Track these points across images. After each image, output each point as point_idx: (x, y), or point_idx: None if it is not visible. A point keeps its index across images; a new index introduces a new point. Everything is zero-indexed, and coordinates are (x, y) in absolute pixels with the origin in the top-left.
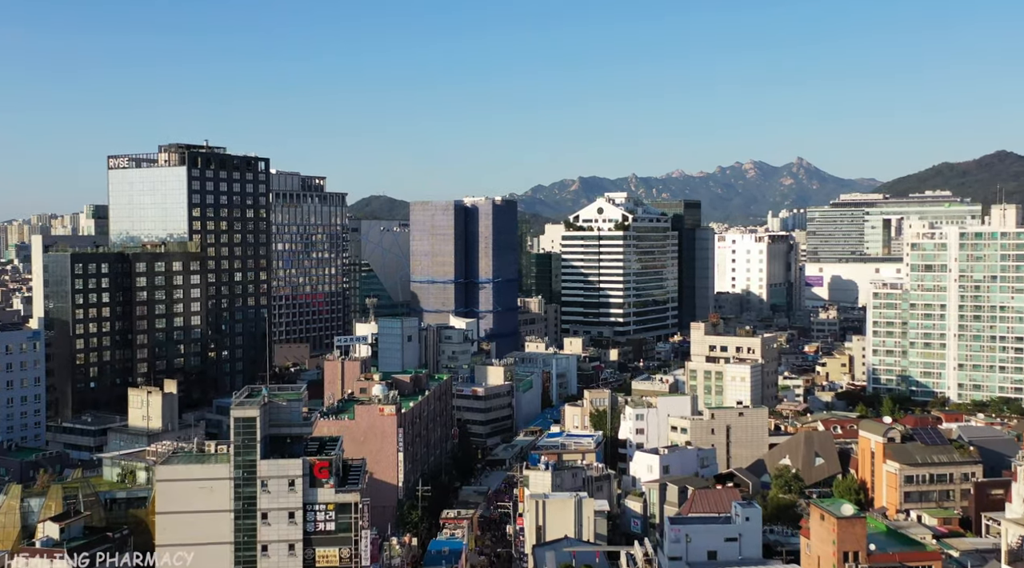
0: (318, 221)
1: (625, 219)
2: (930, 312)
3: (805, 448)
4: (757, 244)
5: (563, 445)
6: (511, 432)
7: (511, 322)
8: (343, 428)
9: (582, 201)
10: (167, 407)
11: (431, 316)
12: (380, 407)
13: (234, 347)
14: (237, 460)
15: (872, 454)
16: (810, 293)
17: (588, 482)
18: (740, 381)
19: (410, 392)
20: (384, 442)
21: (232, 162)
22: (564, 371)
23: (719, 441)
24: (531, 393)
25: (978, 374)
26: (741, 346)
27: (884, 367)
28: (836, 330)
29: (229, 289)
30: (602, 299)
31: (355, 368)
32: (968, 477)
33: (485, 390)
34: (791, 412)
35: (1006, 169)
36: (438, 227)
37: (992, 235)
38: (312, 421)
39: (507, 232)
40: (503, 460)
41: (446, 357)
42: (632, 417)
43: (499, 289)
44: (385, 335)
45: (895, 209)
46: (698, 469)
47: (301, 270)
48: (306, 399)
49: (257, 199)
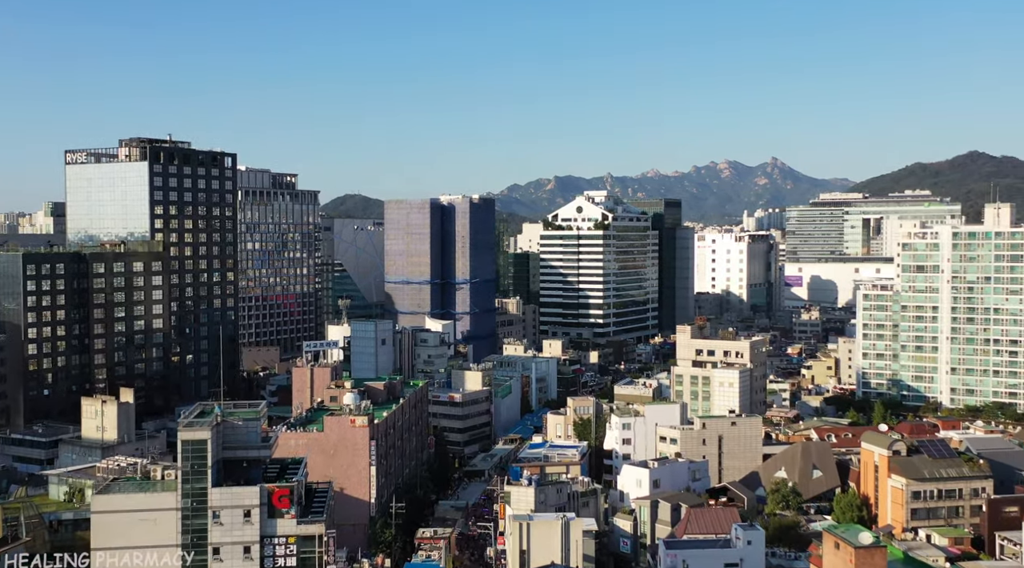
0: (289, 220)
1: (605, 218)
2: (922, 314)
3: (802, 460)
4: (737, 244)
5: (546, 457)
6: (490, 440)
7: (489, 324)
8: (311, 440)
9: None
10: (123, 417)
11: (406, 318)
12: (351, 418)
13: (199, 351)
14: (185, 488)
15: (876, 468)
16: (789, 293)
17: (573, 498)
18: (729, 387)
19: (384, 400)
20: (355, 455)
21: (197, 157)
22: (544, 375)
23: (711, 452)
24: (510, 398)
25: (971, 378)
26: (729, 350)
27: (874, 371)
28: (819, 331)
29: (194, 290)
30: (581, 300)
31: (325, 375)
32: (978, 493)
33: (462, 396)
34: (782, 419)
35: (978, 169)
36: (413, 226)
37: (986, 235)
38: (272, 442)
39: (485, 231)
40: (482, 471)
41: (422, 361)
42: (618, 426)
43: (476, 290)
44: (358, 338)
45: (874, 209)
46: (689, 483)
47: (272, 270)
48: (265, 416)
49: (224, 196)
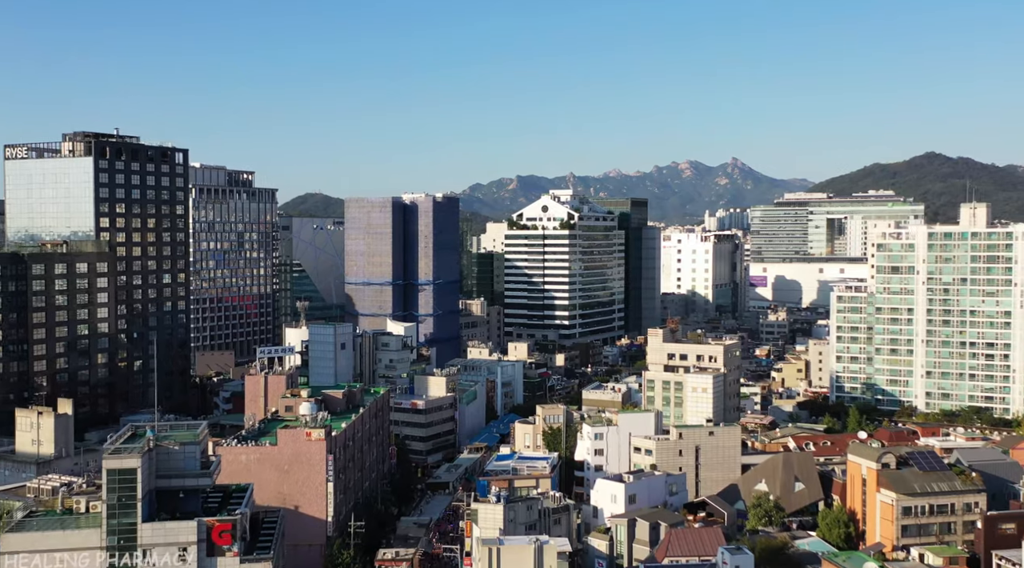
0: (246, 218)
1: (571, 217)
2: (896, 316)
3: (784, 472)
4: (703, 244)
5: (515, 470)
6: (454, 448)
7: (452, 326)
8: (263, 455)
9: (520, 200)
10: (61, 430)
11: (367, 320)
12: (307, 430)
13: (148, 356)
14: (111, 523)
15: (863, 481)
16: (754, 293)
17: (544, 515)
18: (702, 393)
19: (342, 409)
20: (311, 471)
21: (146, 153)
22: (510, 379)
23: (687, 463)
24: (475, 404)
25: (947, 382)
26: (702, 354)
27: (848, 374)
28: (786, 332)
29: (143, 292)
30: (547, 301)
31: (280, 383)
32: (971, 508)
33: (426, 403)
34: (757, 426)
35: (935, 170)
36: (375, 225)
37: (962, 235)
38: (213, 469)
39: (448, 231)
40: (446, 483)
41: (383, 366)
42: (590, 436)
43: (440, 291)
44: (316, 342)
45: (838, 209)
46: (667, 497)
47: (227, 271)
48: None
49: (175, 193)
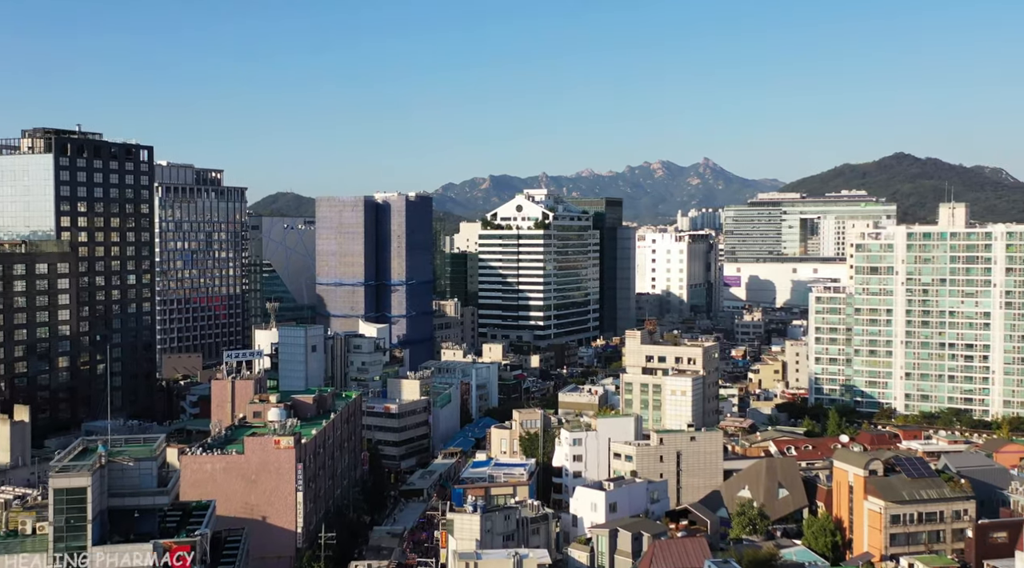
0: (215, 217)
1: (545, 217)
2: (876, 317)
3: (767, 478)
4: (677, 244)
5: (491, 477)
6: (428, 453)
7: (426, 327)
8: (230, 464)
9: (493, 199)
10: (16, 438)
11: (339, 321)
12: (275, 438)
13: (112, 359)
14: (59, 546)
15: (850, 488)
16: (728, 293)
17: (522, 525)
18: (681, 395)
19: (313, 415)
20: (280, 480)
21: (109, 150)
22: (484, 382)
23: (668, 470)
24: (449, 408)
25: (926, 383)
26: (681, 356)
27: (827, 376)
28: (761, 333)
29: (106, 293)
30: (521, 301)
31: (248, 388)
32: (960, 515)
33: (399, 407)
34: (737, 430)
35: (904, 170)
36: (346, 225)
37: (941, 235)
38: (172, 486)
39: (421, 230)
40: (420, 490)
41: (355, 368)
42: (568, 442)
43: (413, 292)
44: (286, 345)
45: (812, 209)
46: (648, 505)
47: (195, 271)
48: (163, 452)
49: (139, 192)
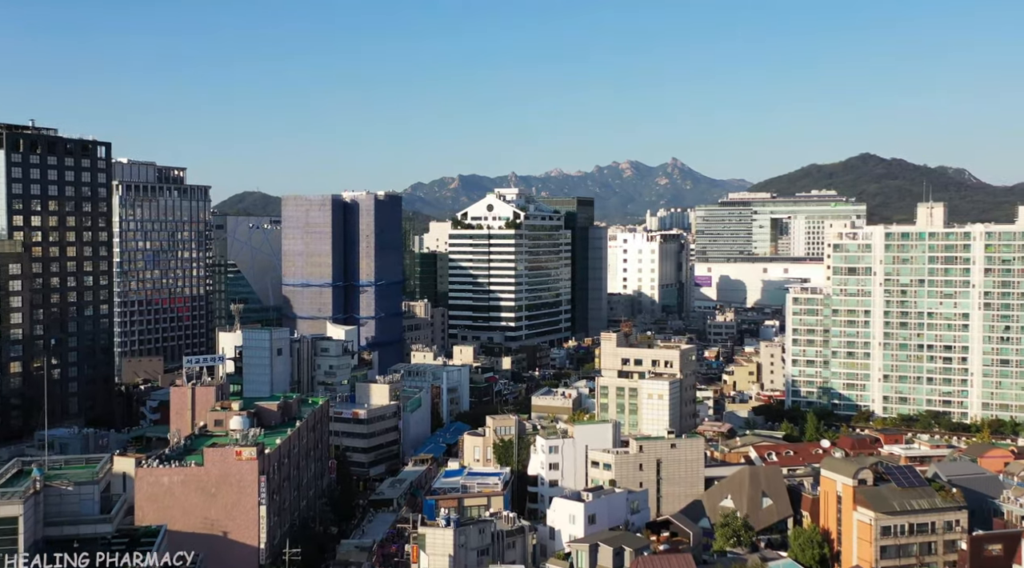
0: (178, 216)
1: (517, 217)
2: (853, 319)
3: (751, 487)
4: (649, 244)
5: (464, 487)
6: (398, 459)
7: (395, 329)
8: (188, 477)
9: (462, 199)
10: None
11: (306, 323)
12: (237, 449)
13: (68, 364)
14: None
15: (839, 498)
16: (699, 293)
17: (498, 539)
18: (658, 399)
19: (278, 422)
20: (241, 493)
21: (64, 146)
22: (456, 385)
23: (648, 478)
24: (419, 412)
25: (904, 386)
26: (658, 359)
27: (804, 378)
28: (734, 333)
29: (61, 295)
30: (492, 302)
31: (209, 395)
32: (952, 526)
33: (368, 412)
34: (716, 434)
35: (869, 171)
36: (314, 224)
37: (919, 235)
38: (117, 511)
39: (391, 230)
40: (390, 500)
41: (322, 372)
42: (544, 450)
43: (382, 293)
44: (251, 348)
45: (782, 208)
46: (628, 516)
47: (158, 272)
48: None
49: (96, 189)
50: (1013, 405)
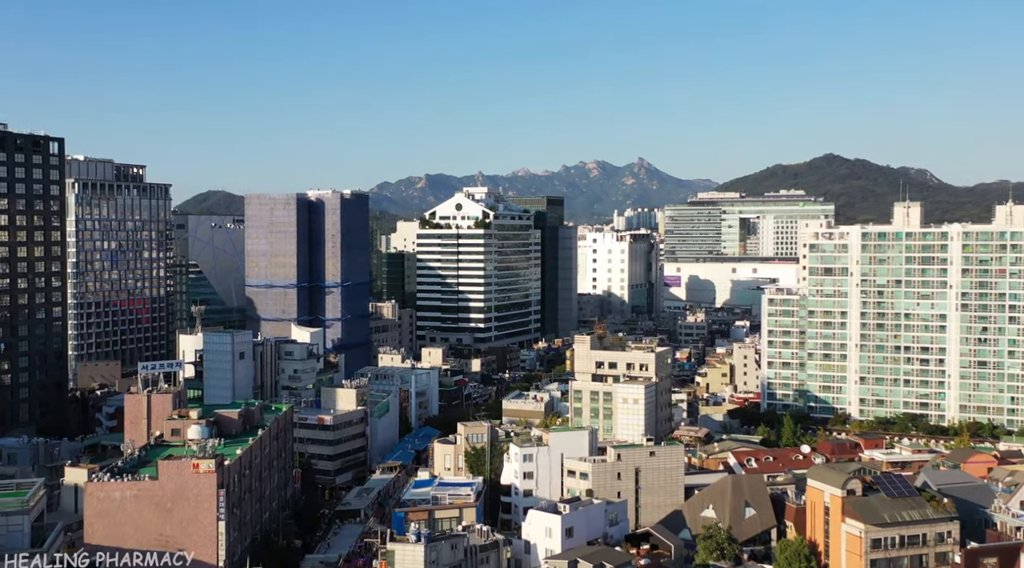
0: (137, 215)
1: (486, 216)
2: (830, 320)
3: (733, 497)
4: (619, 243)
5: (435, 498)
6: (365, 466)
7: (362, 331)
8: (142, 491)
9: (429, 198)
10: None
11: (270, 325)
12: (194, 461)
13: (18, 369)
14: None
15: (826, 509)
16: (668, 293)
17: (471, 554)
18: (633, 403)
19: (239, 431)
20: (199, 509)
21: (14, 141)
22: (424, 388)
23: (626, 488)
24: (387, 418)
25: (881, 388)
26: (633, 362)
27: (780, 381)
28: (705, 334)
29: (11, 297)
30: (461, 303)
31: (166, 402)
32: (943, 538)
33: (334, 418)
34: (693, 439)
35: (833, 171)
36: (278, 224)
37: (896, 235)
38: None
39: (357, 230)
40: (357, 510)
41: (286, 376)
42: (518, 458)
43: (348, 294)
44: (212, 352)
45: (751, 208)
46: (606, 528)
47: (116, 273)
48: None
49: (49, 187)
50: (991, 407)
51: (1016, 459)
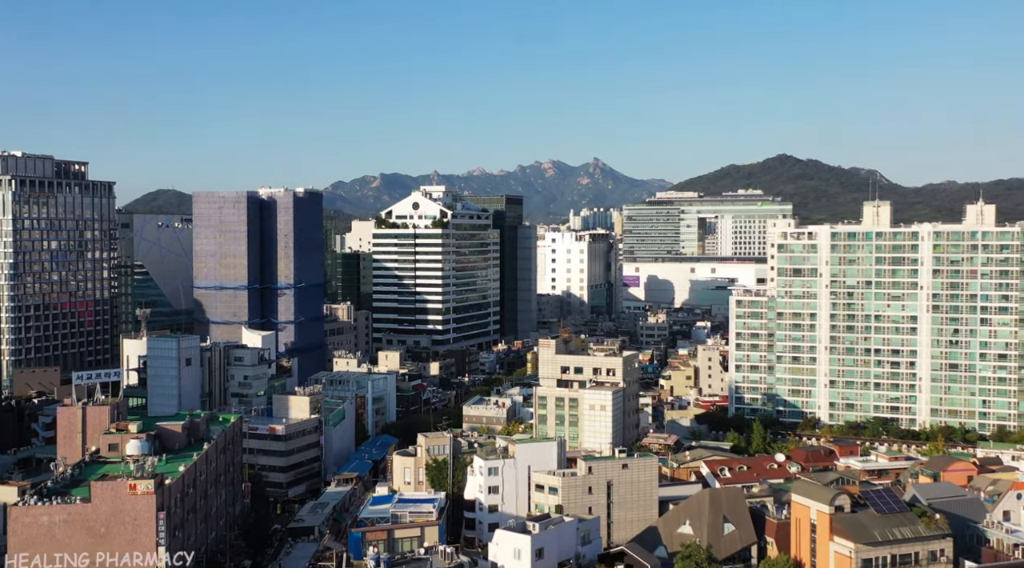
0: (79, 214)
1: (444, 216)
2: (799, 322)
3: (711, 512)
4: (577, 243)
5: (395, 516)
6: (319, 478)
7: (316, 334)
8: (73, 515)
9: (384, 198)
10: None
11: (220, 329)
12: (131, 482)
13: None
14: None
15: (812, 527)
16: (627, 294)
17: None
18: (600, 410)
19: (183, 445)
20: (136, 533)
21: None
22: (382, 394)
23: (598, 502)
24: (343, 425)
25: (851, 391)
26: (599, 367)
27: (748, 384)
28: (666, 335)
29: None
30: (419, 304)
31: (103, 415)
32: (936, 556)
33: (286, 427)
34: (662, 447)
35: (787, 171)
36: (228, 223)
37: (866, 235)
38: None
39: (311, 229)
40: (311, 527)
41: (236, 383)
42: (483, 472)
43: (302, 295)
44: (157, 358)
45: (709, 208)
46: (579, 548)
47: (56, 274)
48: None
49: None
50: (962, 411)
51: (996, 466)
